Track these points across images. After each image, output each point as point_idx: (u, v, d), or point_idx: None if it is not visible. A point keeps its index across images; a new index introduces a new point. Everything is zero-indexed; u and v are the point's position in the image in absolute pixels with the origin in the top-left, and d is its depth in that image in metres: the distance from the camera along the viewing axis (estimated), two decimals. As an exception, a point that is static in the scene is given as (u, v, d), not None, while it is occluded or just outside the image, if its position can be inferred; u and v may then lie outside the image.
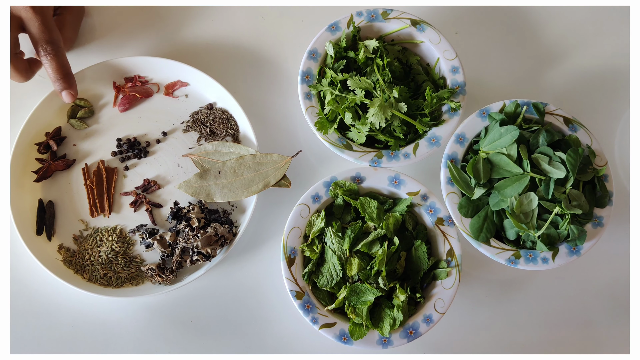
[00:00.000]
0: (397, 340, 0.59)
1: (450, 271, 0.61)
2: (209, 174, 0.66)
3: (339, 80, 0.65)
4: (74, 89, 0.65)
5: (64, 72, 0.64)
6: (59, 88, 0.64)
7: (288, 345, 0.66)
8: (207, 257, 0.64)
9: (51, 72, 0.63)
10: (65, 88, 0.64)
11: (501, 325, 0.68)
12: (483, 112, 0.64)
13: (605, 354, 0.68)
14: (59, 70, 0.63)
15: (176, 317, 0.66)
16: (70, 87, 0.65)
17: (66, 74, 0.64)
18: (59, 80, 0.64)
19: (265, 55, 0.75)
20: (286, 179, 0.66)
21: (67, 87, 0.65)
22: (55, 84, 0.64)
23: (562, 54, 0.77)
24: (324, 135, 0.64)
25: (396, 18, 0.69)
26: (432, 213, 0.62)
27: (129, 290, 0.64)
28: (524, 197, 0.59)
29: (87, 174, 0.69)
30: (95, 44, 0.74)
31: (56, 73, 0.63)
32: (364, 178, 0.63)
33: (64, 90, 0.64)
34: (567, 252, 0.61)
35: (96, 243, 0.66)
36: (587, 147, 0.63)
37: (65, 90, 0.65)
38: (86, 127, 0.70)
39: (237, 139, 0.70)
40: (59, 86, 0.64)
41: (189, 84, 0.72)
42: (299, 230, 0.62)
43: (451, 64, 0.67)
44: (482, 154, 0.62)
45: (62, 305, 0.66)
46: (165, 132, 0.70)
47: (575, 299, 0.69)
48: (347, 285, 0.60)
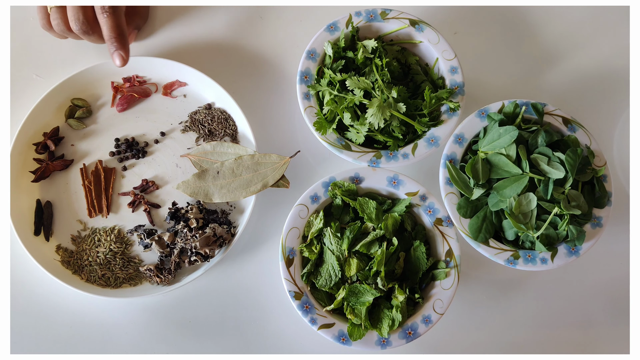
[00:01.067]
0: (395, 341, 0.58)
1: (449, 272, 0.61)
2: (207, 175, 0.66)
3: (337, 80, 0.65)
4: (126, 52, 0.65)
5: (119, 32, 0.64)
6: (112, 48, 0.65)
7: (287, 346, 0.66)
8: (205, 258, 0.64)
9: (106, 30, 0.64)
10: (118, 48, 0.64)
11: (500, 325, 0.68)
12: (482, 113, 0.64)
13: (604, 354, 0.68)
14: (114, 29, 0.64)
15: (174, 318, 0.66)
16: (123, 48, 0.65)
17: (120, 34, 0.64)
18: (112, 39, 0.64)
19: (264, 55, 0.75)
20: (285, 179, 0.66)
21: (120, 48, 0.65)
22: (108, 43, 0.65)
23: (561, 54, 0.77)
24: (323, 135, 0.64)
25: (395, 18, 0.69)
26: (431, 213, 0.62)
27: (127, 290, 0.64)
28: (522, 198, 0.59)
29: (85, 174, 0.68)
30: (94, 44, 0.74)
31: (111, 31, 0.64)
32: (362, 178, 0.63)
33: (116, 50, 0.65)
34: (566, 252, 0.61)
35: (94, 243, 0.66)
36: (586, 148, 0.63)
37: (118, 51, 0.65)
38: (84, 127, 0.70)
39: (235, 139, 0.70)
40: (112, 45, 0.64)
41: (187, 84, 0.72)
42: (297, 231, 0.62)
43: (450, 64, 0.67)
44: (481, 154, 0.62)
45: (60, 305, 0.66)
46: (163, 132, 0.70)
47: (574, 300, 0.69)
48: (346, 286, 0.59)
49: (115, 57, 0.65)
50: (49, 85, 0.69)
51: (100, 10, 0.63)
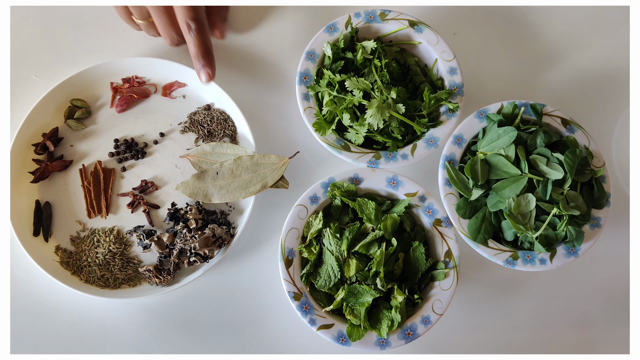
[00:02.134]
0: (395, 342, 0.58)
1: (448, 272, 0.61)
2: (206, 175, 0.66)
3: (336, 81, 0.65)
4: (212, 69, 0.65)
5: (205, 49, 0.64)
6: (199, 65, 0.65)
7: (286, 346, 0.66)
8: (204, 259, 0.64)
9: (193, 47, 0.64)
10: (205, 65, 0.65)
11: (499, 326, 0.68)
12: (481, 113, 0.64)
13: (603, 354, 0.68)
14: (201, 46, 0.64)
15: (174, 318, 0.66)
16: (209, 65, 0.65)
17: (207, 52, 0.65)
18: (198, 57, 0.64)
19: (263, 56, 0.75)
20: (284, 180, 0.66)
21: (207, 65, 0.65)
22: (195, 60, 0.65)
23: (560, 55, 0.77)
24: (322, 136, 0.64)
25: (394, 19, 0.69)
26: (430, 214, 0.62)
27: (127, 291, 0.64)
28: (521, 198, 0.59)
29: (84, 174, 0.68)
30: (93, 44, 0.74)
31: (197, 49, 0.64)
32: (362, 179, 0.63)
33: (203, 67, 0.65)
34: (564, 253, 0.61)
35: (93, 244, 0.66)
36: (584, 148, 0.63)
37: (205, 68, 0.65)
38: (83, 128, 0.70)
39: (234, 140, 0.70)
40: (199, 62, 0.65)
41: (186, 85, 0.72)
42: (296, 232, 0.62)
43: (449, 65, 0.67)
44: (480, 155, 0.62)
45: (59, 306, 0.66)
46: (162, 132, 0.70)
47: (573, 300, 0.69)
48: (345, 287, 0.59)
49: (202, 74, 0.65)
50: (48, 85, 0.69)
51: (187, 27, 0.63)
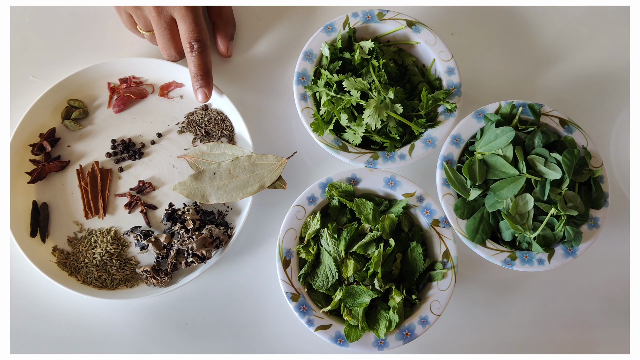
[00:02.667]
0: (392, 342, 0.58)
1: (446, 273, 0.61)
2: (204, 176, 0.66)
3: (334, 81, 0.65)
4: (209, 89, 0.66)
5: (205, 70, 0.65)
6: (197, 85, 0.66)
7: (284, 347, 0.66)
8: (202, 259, 0.64)
9: (193, 68, 0.65)
10: (203, 86, 0.66)
11: (497, 326, 0.68)
12: (479, 114, 0.64)
13: (602, 354, 0.68)
14: (201, 67, 0.65)
15: (171, 319, 0.66)
16: (207, 86, 0.66)
17: (206, 73, 0.66)
18: (197, 77, 0.65)
19: (261, 56, 0.75)
20: (282, 180, 0.66)
21: (204, 86, 0.66)
22: (193, 79, 0.66)
23: (558, 55, 0.77)
24: (320, 136, 0.64)
25: (392, 19, 0.69)
26: (427, 214, 0.62)
27: (124, 292, 0.64)
28: (519, 199, 0.59)
29: (81, 175, 0.68)
30: (90, 44, 0.74)
31: (197, 69, 0.65)
32: (359, 179, 0.63)
33: (200, 88, 0.66)
34: (563, 253, 0.61)
35: (90, 245, 0.66)
36: (582, 149, 0.63)
37: (202, 89, 0.66)
38: (80, 128, 0.70)
39: (232, 140, 0.70)
40: (197, 82, 0.65)
41: (183, 85, 0.71)
42: (294, 232, 0.61)
43: (447, 65, 0.67)
44: (478, 155, 0.62)
45: (57, 306, 0.65)
46: (160, 133, 0.70)
47: (571, 300, 0.69)
48: (343, 287, 0.59)
49: (199, 94, 0.66)
50: (45, 86, 0.69)
51: (189, 48, 0.64)
